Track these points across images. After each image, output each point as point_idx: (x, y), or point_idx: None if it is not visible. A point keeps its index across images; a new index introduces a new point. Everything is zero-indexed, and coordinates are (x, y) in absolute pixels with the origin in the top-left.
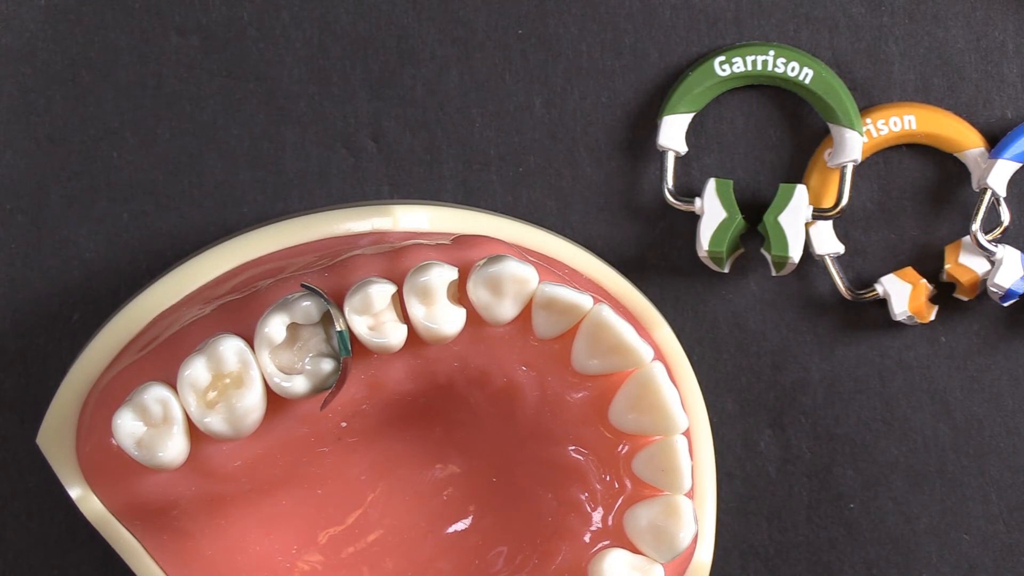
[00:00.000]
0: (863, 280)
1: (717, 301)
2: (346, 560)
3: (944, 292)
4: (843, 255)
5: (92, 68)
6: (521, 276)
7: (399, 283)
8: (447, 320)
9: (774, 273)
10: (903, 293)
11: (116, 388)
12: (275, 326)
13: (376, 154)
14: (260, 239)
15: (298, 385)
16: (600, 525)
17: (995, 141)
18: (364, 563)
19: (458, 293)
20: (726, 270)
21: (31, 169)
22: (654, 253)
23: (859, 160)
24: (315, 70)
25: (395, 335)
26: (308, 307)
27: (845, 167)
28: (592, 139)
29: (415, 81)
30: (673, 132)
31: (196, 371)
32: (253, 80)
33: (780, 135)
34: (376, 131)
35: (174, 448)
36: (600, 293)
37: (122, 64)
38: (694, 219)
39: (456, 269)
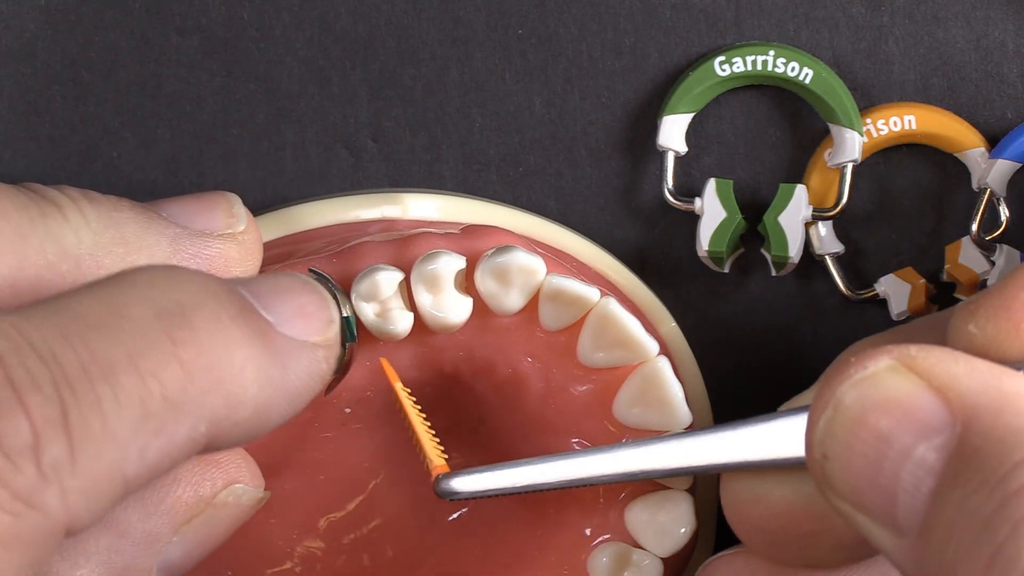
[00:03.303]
0: (863, 280)
1: (717, 301)
2: (346, 546)
3: (944, 292)
4: (843, 255)
5: (92, 68)
6: (529, 267)
7: (407, 271)
8: (454, 309)
9: (774, 273)
10: (903, 293)
11: None
12: None
13: (376, 154)
14: (268, 224)
15: None
16: (601, 518)
17: (995, 141)
18: (364, 550)
19: (465, 282)
20: (726, 270)
21: (31, 169)
22: (654, 253)
23: (859, 160)
24: (315, 70)
25: (401, 322)
26: None
27: (845, 167)
28: (592, 139)
29: (415, 81)
30: (673, 132)
31: None
32: (253, 80)
33: (780, 135)
34: (376, 131)
35: None
36: (607, 287)
37: (122, 64)
38: (694, 219)
39: (464, 258)
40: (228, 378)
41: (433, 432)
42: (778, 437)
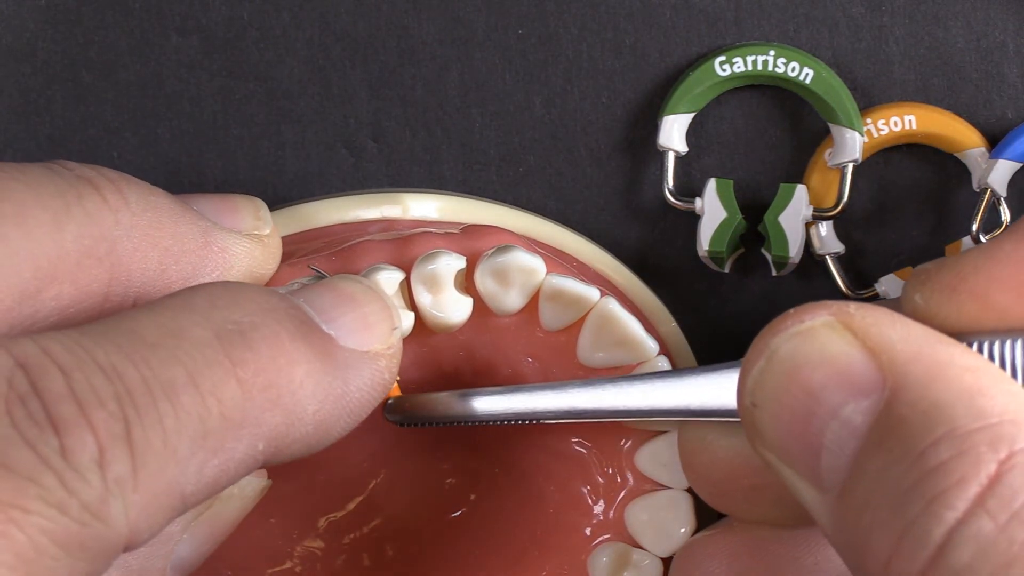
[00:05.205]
0: (863, 280)
1: (717, 301)
2: (346, 546)
3: None
4: (843, 255)
5: (92, 68)
6: (528, 267)
7: (407, 271)
8: (454, 308)
9: (774, 273)
10: None
11: None
12: None
13: (376, 154)
14: None
15: None
16: (601, 518)
17: (995, 141)
18: (364, 549)
19: (465, 282)
20: (726, 270)
21: None
22: (654, 253)
23: (859, 160)
24: (315, 70)
25: (402, 322)
26: None
27: (845, 167)
28: (592, 139)
29: (415, 81)
30: (673, 132)
31: None
32: (253, 80)
33: (780, 135)
34: (376, 131)
35: None
36: (607, 287)
37: (122, 64)
38: (694, 219)
39: (464, 258)
40: (287, 396)
41: None
42: (727, 386)
